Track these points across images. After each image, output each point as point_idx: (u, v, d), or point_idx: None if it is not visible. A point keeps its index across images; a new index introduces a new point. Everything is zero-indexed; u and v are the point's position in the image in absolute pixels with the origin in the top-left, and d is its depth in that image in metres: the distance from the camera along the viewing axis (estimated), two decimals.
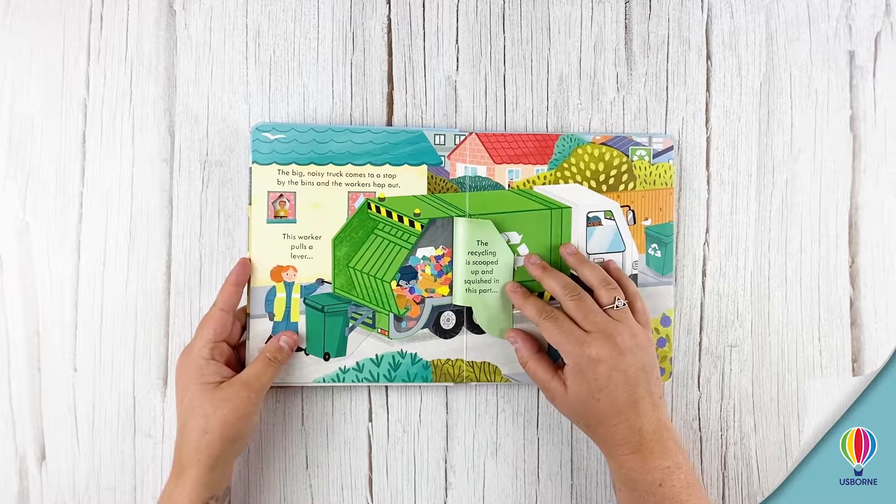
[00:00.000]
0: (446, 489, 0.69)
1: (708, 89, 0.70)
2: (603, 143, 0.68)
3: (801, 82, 0.70)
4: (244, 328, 0.65)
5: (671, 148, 0.68)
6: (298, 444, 0.68)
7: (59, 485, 0.68)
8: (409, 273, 0.67)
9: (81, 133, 0.68)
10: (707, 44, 0.70)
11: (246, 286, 0.65)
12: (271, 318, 0.65)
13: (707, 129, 0.70)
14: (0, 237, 0.68)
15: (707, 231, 0.70)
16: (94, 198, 0.68)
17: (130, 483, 0.68)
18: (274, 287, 0.65)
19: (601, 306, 0.61)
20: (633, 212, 0.68)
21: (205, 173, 0.68)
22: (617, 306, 0.61)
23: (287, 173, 0.66)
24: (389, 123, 0.69)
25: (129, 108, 0.68)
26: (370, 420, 0.69)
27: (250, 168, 0.65)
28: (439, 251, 0.66)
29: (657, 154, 0.68)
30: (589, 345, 0.59)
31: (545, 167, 0.67)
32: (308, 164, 0.66)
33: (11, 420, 0.67)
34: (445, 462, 0.69)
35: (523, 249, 0.67)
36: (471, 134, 0.67)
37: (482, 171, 0.67)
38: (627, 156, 0.68)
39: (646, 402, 0.59)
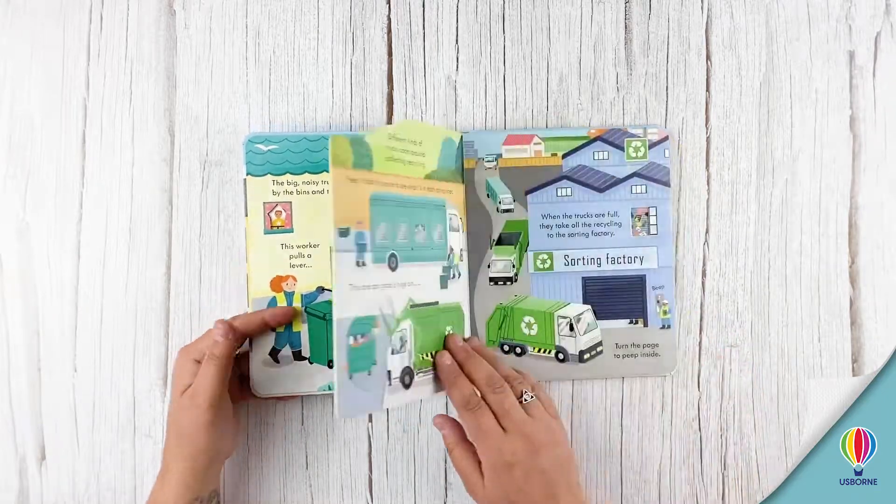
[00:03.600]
0: (446, 489, 0.69)
1: (708, 89, 0.70)
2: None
3: (801, 82, 0.70)
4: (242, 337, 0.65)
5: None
6: (298, 444, 0.68)
7: (59, 485, 0.68)
8: None
9: (81, 133, 0.68)
10: (707, 44, 0.70)
11: (247, 298, 0.65)
12: (273, 329, 0.65)
13: (707, 129, 0.70)
14: (0, 237, 0.68)
15: (707, 231, 0.70)
16: (94, 198, 0.68)
17: (130, 483, 0.68)
18: (274, 297, 0.65)
19: None
20: None
21: (205, 173, 0.68)
22: (526, 399, 0.60)
23: (282, 183, 0.66)
24: (389, 124, 0.69)
25: (129, 108, 0.68)
26: (370, 420, 0.69)
27: (244, 180, 0.65)
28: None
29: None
30: (505, 447, 0.57)
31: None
32: (302, 173, 0.66)
33: (11, 420, 0.68)
34: (445, 462, 0.69)
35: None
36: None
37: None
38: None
39: (563, 493, 0.58)
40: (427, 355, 0.62)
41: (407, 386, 0.60)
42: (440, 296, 0.64)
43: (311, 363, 0.66)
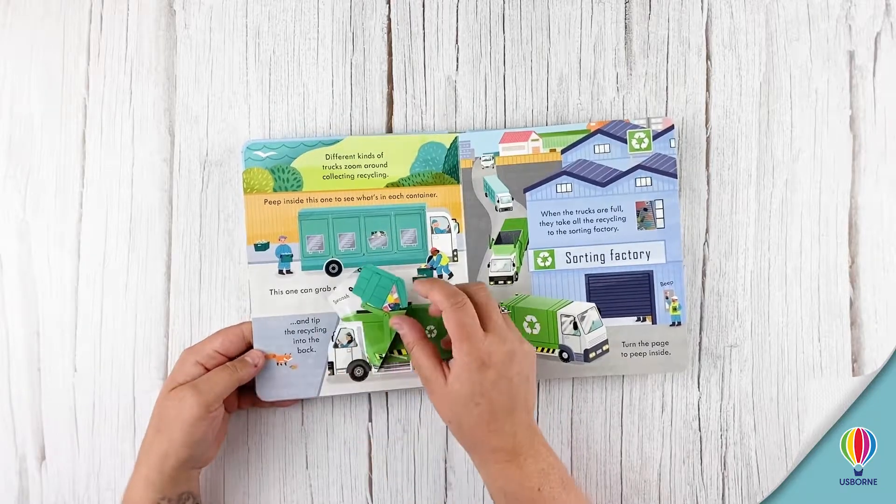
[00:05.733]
0: (446, 489, 0.69)
1: (708, 89, 0.70)
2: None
3: (801, 82, 0.70)
4: (249, 346, 0.65)
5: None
6: (298, 444, 0.68)
7: (59, 485, 0.68)
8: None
9: (81, 133, 0.68)
10: (707, 44, 0.70)
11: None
12: None
13: (707, 129, 0.70)
14: (0, 237, 0.68)
15: (707, 231, 0.70)
16: (94, 198, 0.68)
17: None
18: None
19: None
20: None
21: (205, 173, 0.68)
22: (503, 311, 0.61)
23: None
24: (389, 124, 0.69)
25: (129, 108, 0.68)
26: (370, 420, 0.69)
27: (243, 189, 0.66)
28: None
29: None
30: (484, 348, 0.57)
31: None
32: None
33: (11, 420, 0.68)
34: (445, 462, 0.69)
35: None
36: None
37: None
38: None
39: (521, 409, 0.58)
40: (397, 352, 0.66)
41: (359, 378, 0.65)
42: (416, 296, 0.66)
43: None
